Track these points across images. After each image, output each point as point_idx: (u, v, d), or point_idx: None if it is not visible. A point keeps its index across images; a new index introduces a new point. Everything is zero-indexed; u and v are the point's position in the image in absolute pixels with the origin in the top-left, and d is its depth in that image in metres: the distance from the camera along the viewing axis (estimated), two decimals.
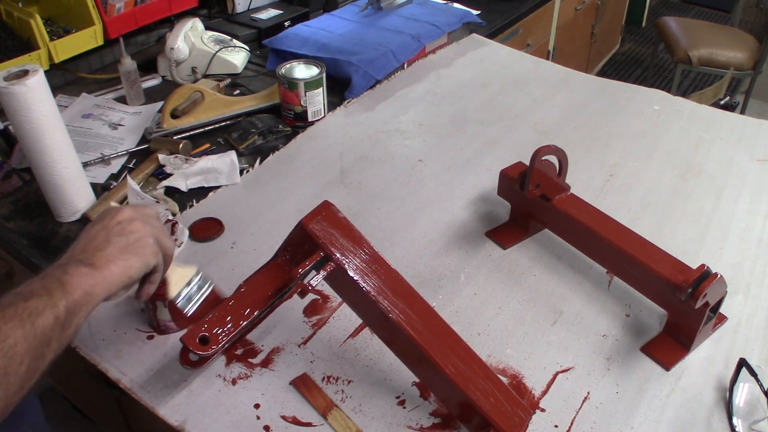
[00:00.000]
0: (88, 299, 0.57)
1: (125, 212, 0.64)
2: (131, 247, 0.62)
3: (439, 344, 0.66)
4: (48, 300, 0.54)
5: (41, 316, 0.52)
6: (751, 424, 0.70)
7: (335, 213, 0.70)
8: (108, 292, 0.59)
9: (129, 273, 0.61)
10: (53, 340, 0.53)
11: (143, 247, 0.63)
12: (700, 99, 1.84)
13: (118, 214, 0.64)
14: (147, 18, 1.40)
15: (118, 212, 0.64)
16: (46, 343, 0.53)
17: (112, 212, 0.64)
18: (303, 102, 1.19)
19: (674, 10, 4.25)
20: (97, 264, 0.59)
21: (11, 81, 0.83)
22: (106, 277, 0.59)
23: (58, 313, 0.54)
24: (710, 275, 0.72)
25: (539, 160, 0.86)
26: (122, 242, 0.62)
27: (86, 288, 0.57)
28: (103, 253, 0.60)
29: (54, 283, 0.55)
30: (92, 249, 0.61)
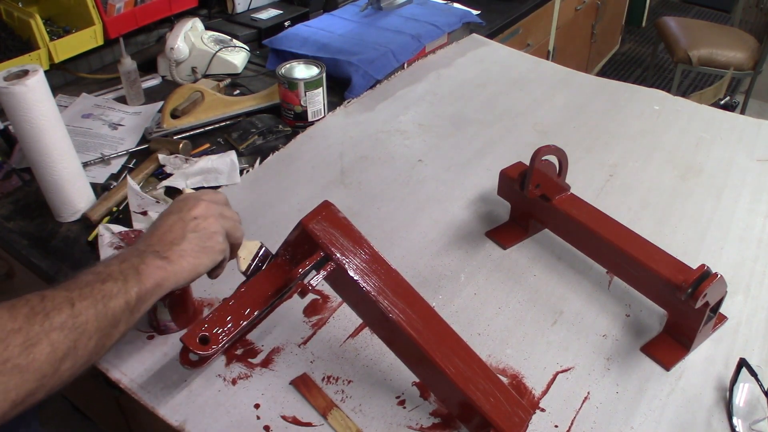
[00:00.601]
0: (158, 290, 0.61)
1: (201, 206, 0.67)
2: (204, 245, 0.66)
3: (439, 344, 0.66)
4: (123, 285, 0.58)
5: (114, 299, 0.57)
6: (751, 424, 0.70)
7: (335, 213, 0.70)
8: (176, 284, 0.63)
9: (198, 270, 0.65)
10: (121, 323, 0.58)
11: (214, 246, 0.66)
12: (700, 99, 1.84)
13: (195, 207, 0.67)
14: (147, 18, 1.40)
15: (195, 205, 0.67)
16: (115, 324, 0.57)
17: (189, 203, 0.67)
18: (303, 102, 1.19)
19: (674, 10, 4.25)
20: (172, 258, 0.63)
21: (11, 81, 0.83)
22: (177, 272, 0.63)
23: (130, 298, 0.58)
24: (710, 275, 0.72)
25: (539, 160, 0.86)
26: (196, 239, 0.65)
27: (158, 279, 0.61)
28: (178, 248, 0.64)
29: (130, 271, 0.59)
30: (168, 242, 0.64)
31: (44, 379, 0.51)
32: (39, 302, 0.53)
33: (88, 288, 0.56)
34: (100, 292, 0.56)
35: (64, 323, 0.52)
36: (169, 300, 0.76)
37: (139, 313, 0.60)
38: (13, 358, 0.48)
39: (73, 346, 0.53)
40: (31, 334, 0.50)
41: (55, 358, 0.51)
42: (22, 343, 0.49)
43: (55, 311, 0.52)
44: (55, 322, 0.52)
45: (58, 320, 0.52)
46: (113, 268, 0.59)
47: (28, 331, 0.50)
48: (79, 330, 0.53)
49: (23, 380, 0.49)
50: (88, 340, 0.54)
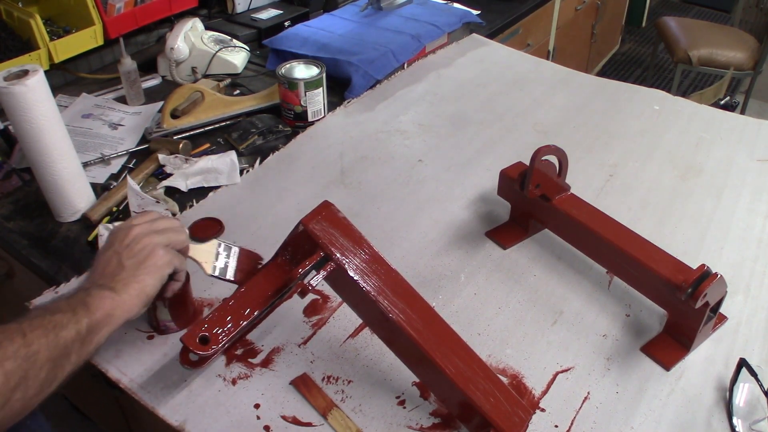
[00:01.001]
0: (109, 320, 0.61)
1: (132, 231, 0.67)
2: (143, 266, 0.65)
3: (439, 344, 0.66)
4: (72, 316, 0.58)
5: (64, 329, 0.57)
6: (751, 424, 0.70)
7: (335, 213, 0.70)
8: (128, 313, 0.63)
9: (146, 291, 0.65)
10: (73, 353, 0.58)
11: (155, 263, 0.66)
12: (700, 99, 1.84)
13: (126, 235, 0.67)
14: (147, 18, 1.40)
15: (125, 233, 0.67)
16: (67, 354, 0.57)
17: (120, 234, 0.68)
18: (303, 102, 1.19)
19: (674, 10, 4.25)
20: (116, 288, 0.63)
21: (11, 81, 0.83)
22: (125, 300, 0.63)
23: (80, 328, 0.58)
24: (710, 275, 0.72)
25: (539, 160, 0.86)
26: (134, 264, 0.65)
27: (107, 309, 0.61)
28: (119, 277, 0.64)
29: (78, 303, 0.60)
30: (109, 274, 0.65)
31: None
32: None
33: (38, 319, 0.56)
34: (51, 323, 0.56)
35: (16, 352, 0.52)
36: (169, 300, 0.76)
37: (91, 344, 0.60)
38: None
39: (24, 376, 0.52)
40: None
41: (7, 389, 0.51)
42: None
43: (6, 341, 0.52)
44: (8, 351, 0.52)
45: (11, 350, 0.52)
46: (61, 304, 0.60)
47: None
48: (30, 360, 0.53)
49: None
50: (39, 370, 0.54)
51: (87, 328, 0.59)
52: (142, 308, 0.66)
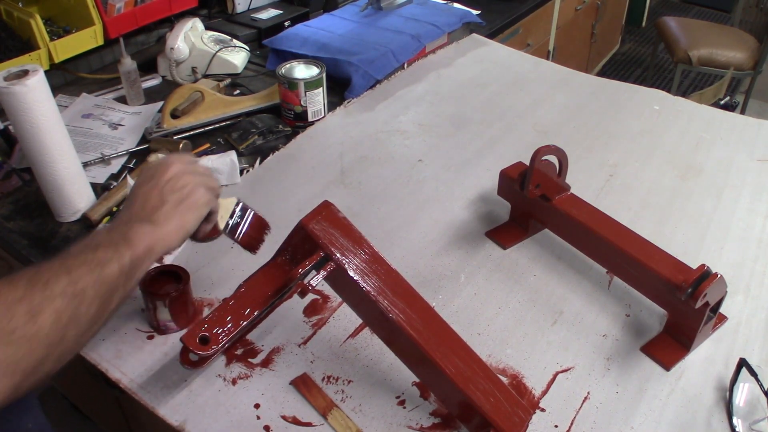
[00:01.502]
0: (149, 254, 0.61)
1: (172, 168, 0.67)
2: (185, 203, 0.66)
3: (439, 344, 0.66)
4: (114, 252, 0.58)
5: (108, 265, 0.57)
6: (751, 424, 0.70)
7: (335, 213, 0.70)
8: (167, 247, 0.64)
9: (186, 228, 0.66)
10: (119, 288, 0.58)
11: (196, 201, 0.67)
12: (700, 99, 1.84)
13: (166, 171, 0.67)
14: (147, 18, 1.40)
15: (165, 169, 0.67)
16: (113, 290, 0.57)
17: (161, 169, 0.67)
18: (303, 102, 1.19)
19: (674, 10, 4.25)
20: (157, 221, 0.63)
21: (11, 81, 0.83)
22: (165, 234, 0.63)
23: (123, 264, 0.58)
24: (710, 275, 0.72)
25: (539, 160, 0.86)
26: (176, 199, 0.65)
27: (148, 243, 0.61)
28: (161, 211, 0.64)
29: (119, 238, 0.60)
30: (150, 208, 0.64)
31: (51, 347, 0.51)
32: (35, 273, 0.53)
33: (82, 256, 0.56)
34: (94, 260, 0.56)
35: (64, 291, 0.53)
36: (169, 300, 0.76)
37: (133, 279, 0.60)
38: (19, 328, 0.48)
39: (75, 313, 0.53)
40: (34, 303, 0.50)
41: (59, 326, 0.51)
42: (27, 312, 0.49)
43: (53, 279, 0.53)
44: (56, 290, 0.52)
45: (58, 288, 0.52)
46: (102, 238, 0.59)
47: (31, 300, 0.50)
48: (79, 297, 0.53)
49: (31, 349, 0.49)
50: (89, 306, 0.54)
51: (130, 263, 0.59)
52: (180, 242, 0.65)
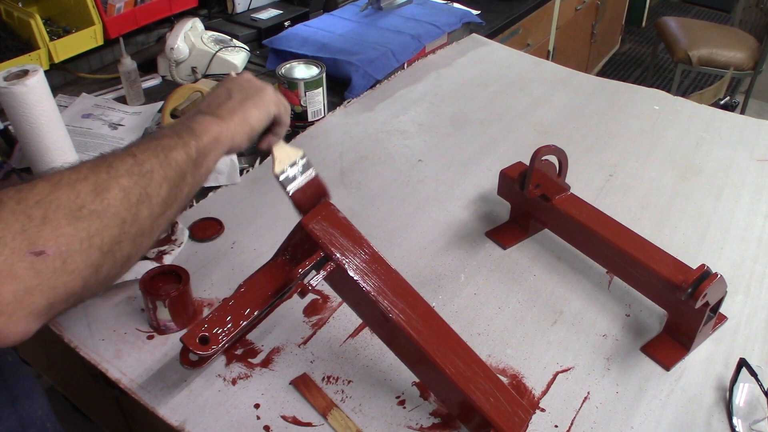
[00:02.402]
0: (216, 144, 0.61)
1: (245, 74, 0.69)
2: (251, 99, 0.66)
3: (439, 344, 0.66)
4: (179, 140, 0.57)
5: (174, 150, 0.56)
6: (751, 424, 0.70)
7: (335, 213, 0.70)
8: (232, 140, 0.63)
9: (249, 122, 0.65)
10: (188, 174, 0.57)
11: (262, 99, 0.66)
12: (700, 99, 1.84)
13: (240, 77, 0.68)
14: (147, 18, 1.40)
15: (240, 76, 0.69)
16: (182, 175, 0.56)
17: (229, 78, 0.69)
18: (303, 102, 1.19)
19: (674, 10, 4.25)
20: (221, 114, 0.63)
21: (11, 81, 0.83)
22: (230, 126, 0.63)
23: (190, 151, 0.57)
24: (710, 275, 0.72)
25: (539, 160, 0.86)
26: (242, 95, 0.66)
27: (214, 134, 0.60)
28: (225, 106, 0.64)
29: (183, 129, 0.59)
30: (216, 103, 0.64)
31: (125, 225, 0.50)
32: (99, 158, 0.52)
33: (145, 144, 0.55)
34: (158, 146, 0.55)
35: (129, 170, 0.51)
36: (169, 300, 0.76)
37: (202, 167, 0.59)
38: (87, 204, 0.47)
39: (144, 193, 0.52)
40: (99, 181, 0.49)
41: (129, 203, 0.50)
42: (93, 190, 0.48)
43: (118, 161, 0.52)
44: (121, 169, 0.51)
45: (124, 168, 0.51)
46: (166, 131, 0.58)
47: (96, 179, 0.49)
48: (146, 177, 0.52)
49: (103, 225, 0.48)
50: (159, 187, 0.53)
51: (196, 151, 0.58)
52: (246, 139, 0.65)
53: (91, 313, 0.81)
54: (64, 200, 0.46)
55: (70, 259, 0.45)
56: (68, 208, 0.46)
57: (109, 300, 0.83)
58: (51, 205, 0.46)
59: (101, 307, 0.82)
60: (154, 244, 0.91)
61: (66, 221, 0.46)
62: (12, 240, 0.43)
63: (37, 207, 0.45)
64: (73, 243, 0.46)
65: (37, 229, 0.44)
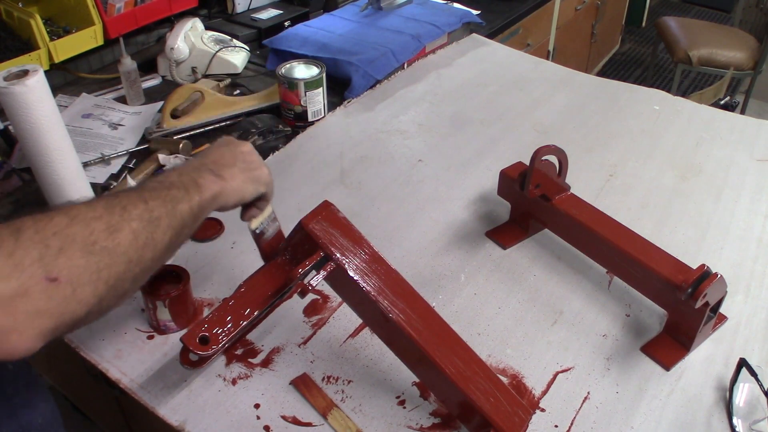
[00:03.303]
0: (213, 201, 0.65)
1: (247, 146, 0.73)
2: (251, 173, 0.70)
3: (439, 344, 0.66)
4: (185, 194, 0.61)
5: (181, 203, 0.60)
6: (751, 424, 0.70)
7: (335, 213, 0.70)
8: (225, 202, 0.67)
9: (243, 193, 0.69)
10: (187, 226, 0.61)
11: (259, 176, 0.71)
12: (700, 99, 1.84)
13: (242, 146, 0.73)
14: (147, 18, 1.40)
15: (242, 144, 0.73)
16: (183, 225, 0.60)
17: (236, 143, 0.73)
18: (303, 102, 1.19)
19: (674, 10, 4.25)
20: (224, 176, 0.67)
21: (11, 81, 0.83)
22: (229, 190, 0.67)
23: (193, 206, 0.62)
24: (710, 275, 0.72)
25: (539, 160, 0.86)
26: (245, 167, 0.70)
27: (214, 192, 0.65)
28: (230, 170, 0.68)
29: (190, 183, 0.63)
30: (222, 164, 0.69)
31: (130, 264, 0.53)
32: (114, 198, 0.56)
33: (156, 191, 0.59)
34: (168, 195, 0.60)
35: (141, 216, 0.55)
36: (169, 300, 0.76)
37: (198, 221, 0.63)
38: (100, 240, 0.51)
39: (151, 237, 0.56)
40: (112, 221, 0.53)
41: (137, 246, 0.54)
42: (106, 229, 0.52)
43: (131, 205, 0.55)
44: (133, 213, 0.55)
45: (136, 213, 0.55)
46: (174, 179, 0.62)
47: (110, 220, 0.53)
48: (154, 224, 0.56)
49: (112, 261, 0.52)
50: (164, 234, 0.57)
51: (198, 206, 0.62)
52: (235, 204, 0.69)
53: None
54: (79, 235, 0.50)
55: (80, 288, 0.49)
56: (83, 243, 0.50)
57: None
58: (67, 238, 0.49)
59: None
60: None
61: (80, 254, 0.49)
62: (30, 265, 0.46)
63: (55, 238, 0.49)
64: (84, 274, 0.49)
65: (53, 257, 0.48)
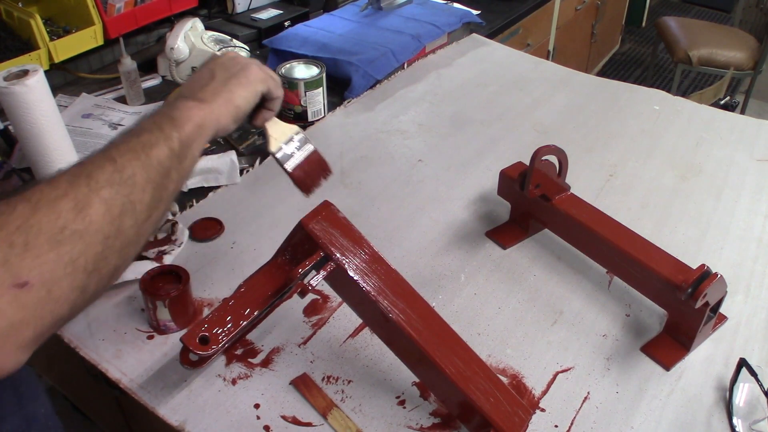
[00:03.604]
0: (200, 131, 0.58)
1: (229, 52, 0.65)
2: (235, 77, 0.62)
3: (439, 344, 0.66)
4: (160, 134, 0.55)
5: (155, 147, 0.53)
6: (751, 424, 0.70)
7: (335, 213, 0.70)
8: (217, 123, 0.60)
9: (235, 103, 0.62)
10: (172, 170, 0.54)
11: (247, 77, 0.63)
12: (700, 99, 1.84)
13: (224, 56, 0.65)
14: (147, 18, 1.40)
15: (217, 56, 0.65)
16: (165, 173, 0.54)
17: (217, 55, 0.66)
18: (303, 102, 1.19)
19: (674, 10, 4.25)
20: (204, 97, 0.60)
21: (11, 81, 0.83)
22: (214, 109, 0.60)
23: (173, 145, 0.55)
24: (710, 275, 0.72)
25: (539, 160, 0.86)
26: (226, 74, 0.62)
27: (197, 120, 0.58)
28: (208, 88, 0.61)
29: (164, 119, 0.56)
30: (198, 86, 0.61)
31: (108, 240, 0.48)
32: (77, 168, 0.49)
33: (125, 144, 0.53)
34: (138, 144, 0.53)
35: (110, 179, 0.49)
36: (169, 300, 0.76)
37: (187, 159, 0.57)
38: (68, 224, 0.45)
39: (128, 201, 0.50)
40: (79, 196, 0.47)
41: (112, 216, 0.48)
42: (73, 208, 0.46)
43: (97, 170, 0.49)
44: (101, 180, 0.49)
45: (103, 178, 0.49)
46: (146, 123, 0.56)
47: (76, 195, 0.47)
48: (128, 183, 0.50)
49: (86, 245, 0.46)
50: (142, 192, 0.51)
51: (179, 143, 0.55)
52: (232, 121, 0.62)
53: (91, 313, 0.81)
54: (45, 223, 0.44)
55: (55, 286, 0.44)
56: (50, 232, 0.44)
57: (109, 300, 0.83)
58: (32, 230, 0.44)
59: (101, 307, 0.82)
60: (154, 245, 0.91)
61: (48, 246, 0.44)
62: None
63: (18, 233, 0.43)
64: (56, 269, 0.44)
65: (19, 258, 0.42)
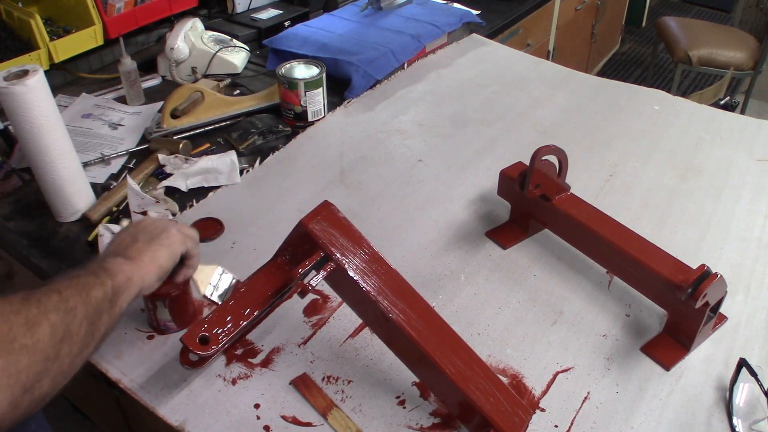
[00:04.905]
0: (129, 284, 0.63)
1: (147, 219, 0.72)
2: (157, 239, 0.68)
3: (439, 344, 0.66)
4: (96, 279, 0.60)
5: (93, 288, 0.58)
6: (751, 424, 0.70)
7: (335, 213, 0.70)
8: (142, 280, 0.65)
9: (158, 262, 0.67)
10: (104, 313, 0.59)
11: (168, 238, 0.68)
12: (700, 99, 1.84)
13: (142, 221, 0.71)
14: (147, 18, 1.40)
15: (141, 221, 0.71)
16: (99, 313, 0.58)
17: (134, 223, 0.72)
18: (303, 102, 1.19)
19: (674, 10, 4.25)
20: (131, 255, 0.65)
21: (11, 81, 0.83)
22: (141, 267, 0.65)
23: (107, 290, 0.60)
24: (710, 275, 0.72)
25: (539, 160, 0.86)
26: (147, 238, 0.68)
27: (127, 273, 0.63)
28: (133, 247, 0.66)
29: (99, 269, 0.61)
30: (123, 246, 0.67)
31: (48, 362, 0.51)
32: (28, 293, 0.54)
33: (67, 280, 0.58)
34: (79, 283, 0.58)
35: (57, 306, 0.54)
36: (169, 300, 0.76)
37: (116, 307, 0.61)
38: (19, 337, 0.48)
39: (68, 330, 0.53)
40: (30, 315, 0.51)
41: (55, 340, 0.52)
42: (24, 324, 0.50)
43: (45, 297, 0.54)
44: (49, 305, 0.53)
45: (51, 304, 0.53)
46: (82, 272, 0.61)
47: (27, 313, 0.51)
48: (70, 314, 0.54)
49: (31, 361, 0.49)
50: (80, 325, 0.55)
51: (112, 290, 0.60)
52: (157, 279, 0.67)
53: None
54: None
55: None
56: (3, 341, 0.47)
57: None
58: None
59: None
60: None
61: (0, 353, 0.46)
62: None
63: None
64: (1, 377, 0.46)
65: None
